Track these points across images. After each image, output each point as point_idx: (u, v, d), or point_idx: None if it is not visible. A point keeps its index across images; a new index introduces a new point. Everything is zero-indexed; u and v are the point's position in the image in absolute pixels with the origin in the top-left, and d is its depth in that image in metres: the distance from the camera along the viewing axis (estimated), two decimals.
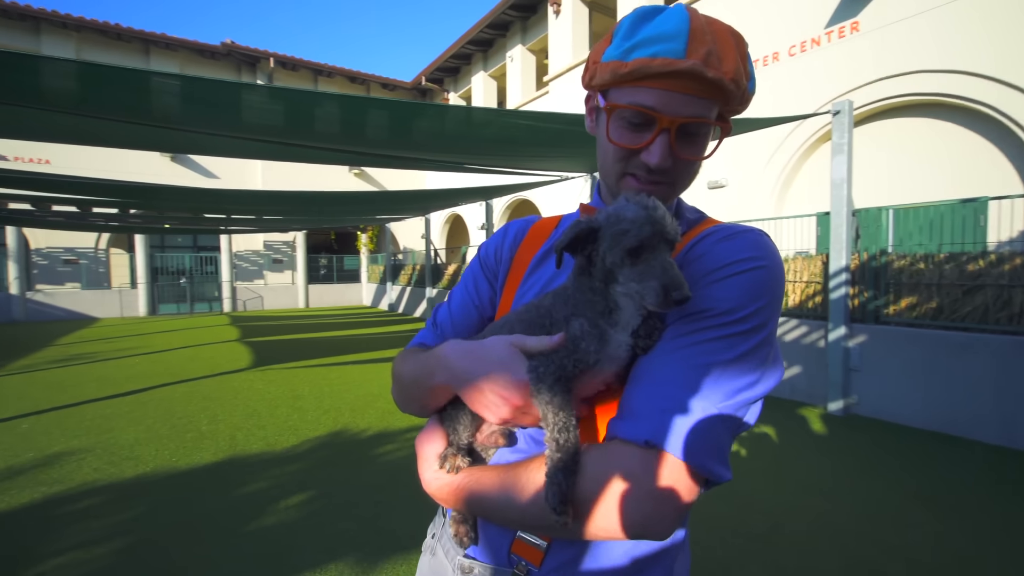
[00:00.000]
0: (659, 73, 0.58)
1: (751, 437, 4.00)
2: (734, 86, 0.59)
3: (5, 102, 3.23)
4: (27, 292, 13.91)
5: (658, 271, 0.52)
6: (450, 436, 0.68)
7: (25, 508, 2.84)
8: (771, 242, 0.63)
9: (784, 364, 0.78)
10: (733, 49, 0.59)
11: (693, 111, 0.60)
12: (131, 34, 13.97)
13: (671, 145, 0.61)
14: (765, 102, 7.73)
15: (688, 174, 0.66)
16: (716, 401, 0.54)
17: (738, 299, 0.57)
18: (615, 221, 0.54)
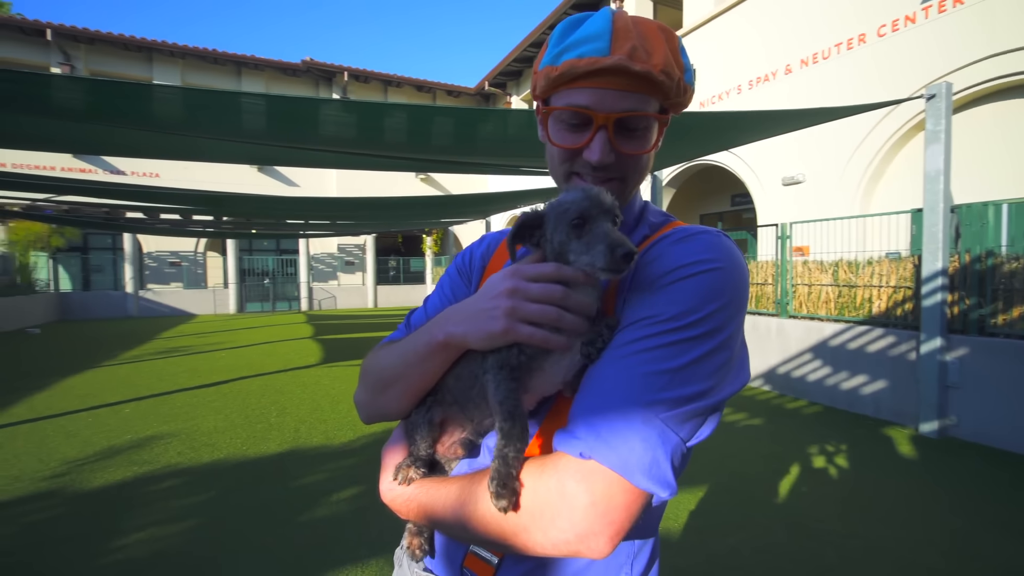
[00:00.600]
0: (586, 72, 0.60)
1: (822, 457, 3.65)
2: (665, 77, 0.60)
3: (127, 126, 3.69)
4: (140, 291, 15.72)
5: (601, 236, 0.53)
6: (410, 446, 0.68)
7: (118, 485, 3.18)
8: (730, 243, 0.62)
9: (750, 373, 0.68)
10: (662, 44, 0.60)
11: (627, 105, 0.60)
12: (225, 58, 15.38)
13: (610, 140, 0.62)
14: (849, 89, 7.08)
15: (636, 168, 0.66)
16: (658, 411, 0.51)
17: (688, 303, 0.55)
18: (557, 205, 0.57)
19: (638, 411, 0.51)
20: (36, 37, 13.95)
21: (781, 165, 8.15)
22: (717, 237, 0.61)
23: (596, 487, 0.50)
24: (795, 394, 5.36)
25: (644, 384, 0.52)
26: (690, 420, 0.52)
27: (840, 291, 5.21)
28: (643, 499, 0.51)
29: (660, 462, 0.50)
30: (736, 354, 0.58)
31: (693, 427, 0.53)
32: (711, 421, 0.55)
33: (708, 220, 12.66)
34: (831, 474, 3.38)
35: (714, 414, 0.56)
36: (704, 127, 4.47)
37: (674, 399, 0.51)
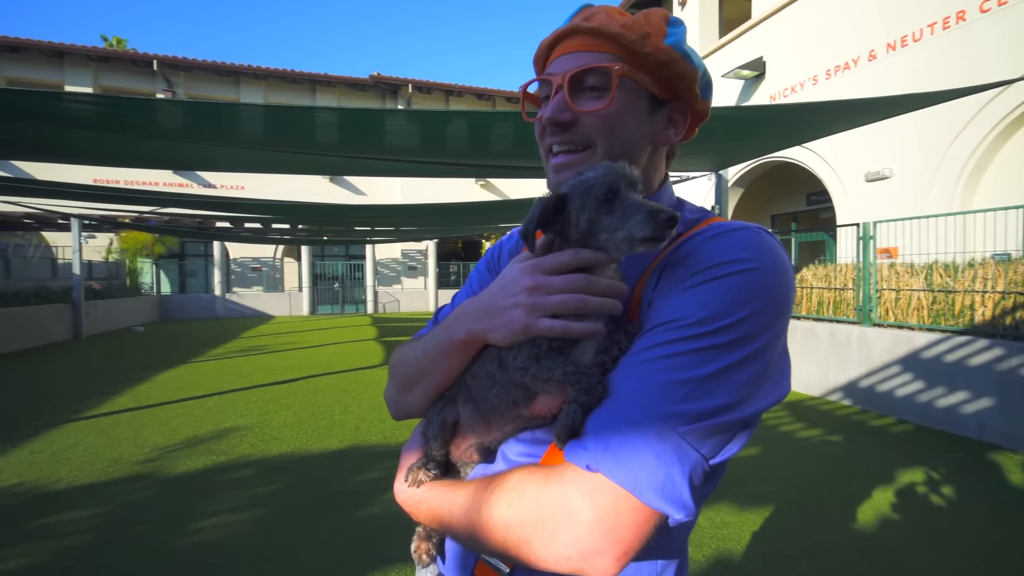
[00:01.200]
0: (548, 45, 0.64)
1: (912, 481, 3.27)
2: (623, 30, 0.58)
3: (218, 144, 4.08)
4: (226, 294, 17.15)
5: (637, 205, 0.51)
6: (424, 447, 0.67)
7: (198, 472, 3.46)
8: (771, 240, 0.56)
9: (790, 385, 0.57)
10: (640, 18, 0.60)
11: (582, 62, 0.60)
12: (302, 77, 16.51)
13: (566, 99, 0.60)
14: (944, 73, 6.39)
15: (603, 131, 0.61)
16: (676, 424, 0.47)
17: (718, 306, 0.50)
18: (580, 183, 0.54)
19: (653, 423, 0.46)
20: (145, 68, 15.69)
21: (863, 160, 7.48)
22: (757, 233, 0.56)
23: (602, 503, 0.46)
24: (880, 410, 4.87)
25: (662, 394, 0.48)
26: (714, 436, 0.48)
27: (935, 297, 4.67)
28: (655, 519, 0.47)
29: (675, 480, 0.45)
30: (772, 365, 0.53)
31: (717, 443, 0.48)
32: (740, 437, 0.50)
33: (781, 220, 11.87)
34: (922, 501, 3.02)
35: (744, 430, 0.51)
36: (776, 121, 4.19)
37: (695, 412, 0.47)
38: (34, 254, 13.24)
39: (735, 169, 9.84)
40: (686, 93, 0.62)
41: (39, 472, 3.43)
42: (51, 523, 2.73)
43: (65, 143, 4.23)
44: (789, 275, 0.55)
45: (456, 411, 0.64)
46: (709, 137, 4.54)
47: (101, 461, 3.64)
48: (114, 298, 13.44)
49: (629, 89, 0.60)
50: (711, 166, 6.35)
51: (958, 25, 6.38)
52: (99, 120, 3.51)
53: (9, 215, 12.99)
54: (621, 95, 0.60)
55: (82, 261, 11.45)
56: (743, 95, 9.87)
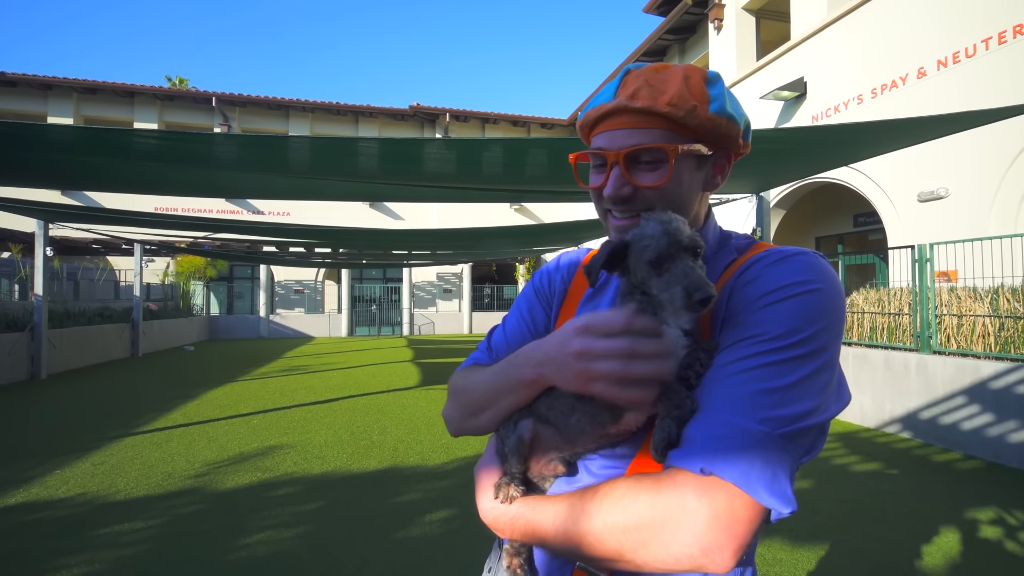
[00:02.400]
0: (596, 118, 0.67)
1: (984, 522, 3.01)
2: (671, 108, 0.62)
3: (270, 173, 4.34)
4: (270, 315, 17.83)
5: (679, 276, 0.54)
6: (503, 464, 0.68)
7: (244, 488, 3.56)
8: (826, 264, 0.62)
9: (851, 394, 0.64)
10: (677, 81, 0.63)
11: (633, 141, 0.64)
12: (346, 108, 17.36)
13: (624, 175, 0.65)
14: (1000, 90, 6.13)
15: (663, 203, 0.66)
16: (772, 428, 0.51)
17: (792, 322, 0.56)
18: (639, 237, 0.58)
19: (754, 427, 0.51)
20: (204, 104, 16.88)
21: (916, 179, 7.18)
22: (815, 258, 0.62)
23: (718, 501, 0.50)
24: (944, 444, 4.54)
25: (754, 402, 0.52)
26: (801, 438, 0.53)
27: (1002, 323, 4.38)
28: (763, 515, 0.51)
29: (780, 478, 0.51)
30: (838, 375, 0.59)
31: (804, 445, 0.54)
32: (820, 441, 0.57)
33: (826, 242, 11.46)
34: (996, 546, 2.77)
35: (821, 434, 0.57)
36: (821, 142, 4.11)
37: (787, 416, 0.52)
38: (100, 277, 14.20)
39: (777, 191, 9.62)
40: (731, 145, 0.68)
41: (100, 484, 3.62)
42: (111, 533, 2.86)
43: (132, 175, 4.59)
44: (843, 293, 0.62)
45: (531, 428, 0.65)
46: (750, 160, 4.48)
47: (156, 474, 3.81)
48: (168, 318, 14.20)
49: (681, 158, 0.65)
50: (752, 188, 6.24)
51: (1015, 40, 6.13)
52: (163, 153, 3.80)
53: (79, 241, 14.05)
54: (676, 167, 0.65)
55: (142, 284, 12.19)
56: (783, 116, 9.71)
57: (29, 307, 8.90)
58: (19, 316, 8.62)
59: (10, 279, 11.89)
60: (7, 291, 11.92)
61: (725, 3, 11.09)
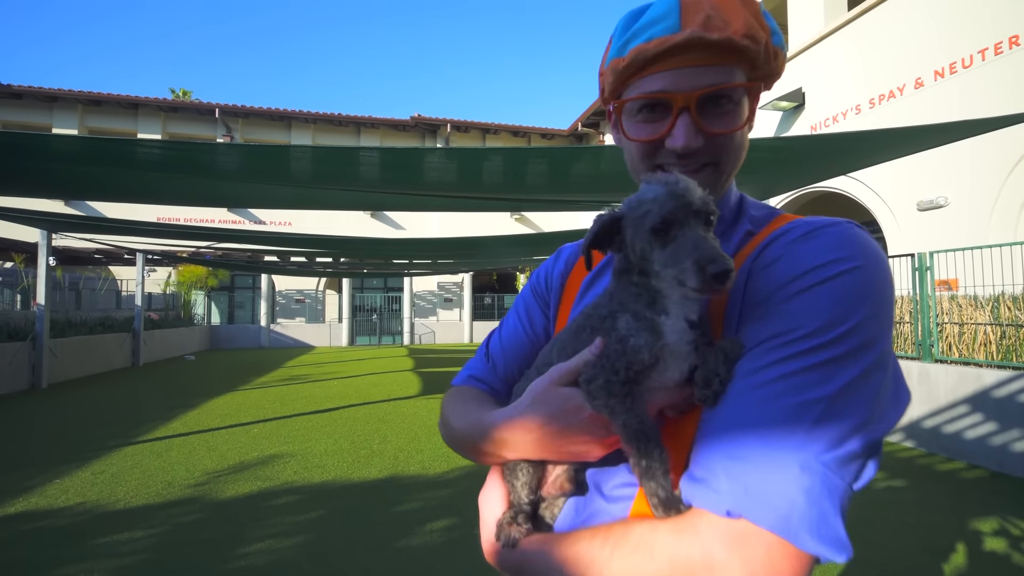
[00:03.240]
0: (657, 54, 0.53)
1: (990, 532, 2.98)
2: (749, 41, 0.52)
3: (272, 183, 4.38)
4: (271, 324, 17.83)
5: (689, 248, 0.45)
6: (510, 495, 0.60)
7: (245, 497, 3.55)
8: (866, 235, 0.51)
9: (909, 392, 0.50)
10: (739, 8, 0.53)
11: (709, 80, 0.53)
12: (348, 119, 17.51)
13: (695, 122, 0.54)
14: (997, 100, 6.18)
15: (730, 150, 0.57)
16: (817, 453, 0.41)
17: (830, 313, 0.45)
18: (636, 205, 0.49)
19: (791, 454, 0.41)
20: (208, 115, 17.04)
21: (915, 188, 7.22)
22: (851, 228, 0.51)
23: (754, 555, 0.40)
24: (948, 453, 4.51)
25: (792, 419, 0.42)
26: (854, 460, 0.42)
27: (1003, 331, 4.38)
28: (811, 565, 0.41)
29: (829, 517, 0.40)
30: (892, 372, 0.48)
31: (857, 468, 0.43)
32: (876, 457, 0.45)
33: None
34: (1001, 557, 2.75)
35: (876, 452, 0.45)
36: (820, 151, 4.14)
37: (832, 437, 0.42)
38: (102, 287, 14.24)
39: (776, 200, 9.66)
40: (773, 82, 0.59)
41: (100, 493, 3.60)
42: (111, 542, 2.85)
43: (135, 185, 4.63)
44: (888, 269, 0.50)
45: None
46: (749, 169, 4.52)
47: (156, 484, 3.79)
48: (169, 328, 14.21)
49: (750, 99, 0.57)
50: (757, 194, 6.28)
51: (1011, 51, 6.20)
52: (166, 164, 3.84)
53: (82, 251, 14.11)
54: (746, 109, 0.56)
55: (143, 293, 12.21)
56: (781, 126, 9.79)
57: (31, 317, 8.92)
58: (21, 326, 8.64)
59: (12, 289, 11.92)
60: (9, 301, 11.95)
61: None
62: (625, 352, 0.48)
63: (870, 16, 8.05)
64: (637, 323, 0.49)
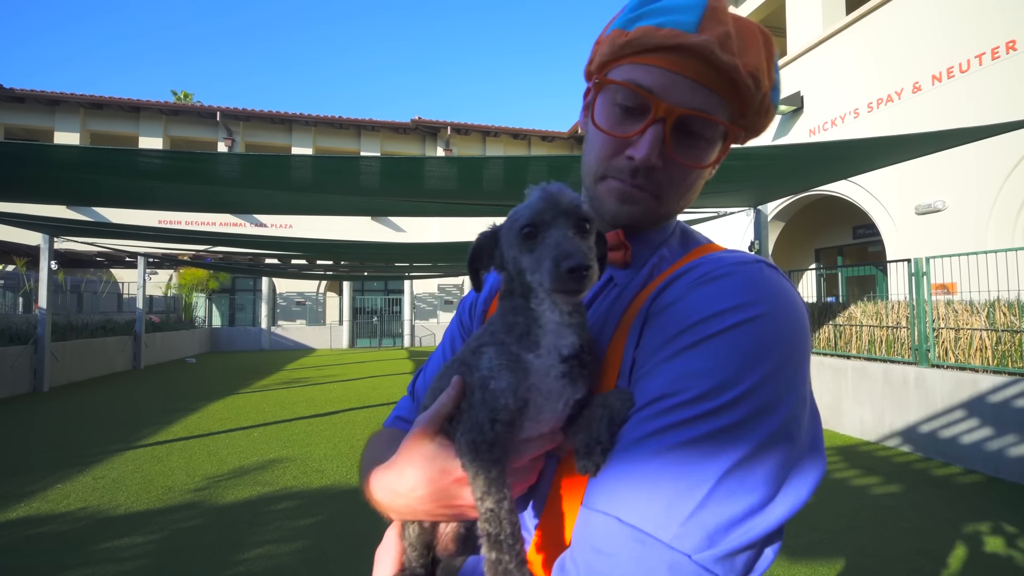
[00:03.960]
0: (663, 46, 0.48)
1: (986, 538, 3.00)
2: (752, 82, 0.48)
3: (272, 189, 4.42)
4: (272, 327, 17.87)
5: (551, 246, 0.42)
6: (403, 558, 0.56)
7: (245, 502, 3.57)
8: (774, 274, 0.46)
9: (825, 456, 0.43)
10: (759, 44, 0.49)
11: (698, 103, 0.49)
12: (348, 122, 17.56)
13: (665, 140, 0.49)
14: (994, 105, 6.21)
15: (681, 185, 0.53)
16: (693, 549, 0.36)
17: (722, 372, 0.39)
18: (512, 215, 0.46)
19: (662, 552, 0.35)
20: (209, 119, 17.11)
21: (914, 192, 7.24)
22: (759, 270, 0.45)
23: None
24: (944, 459, 4.53)
25: (666, 506, 0.36)
26: (742, 553, 0.36)
27: (999, 337, 4.40)
28: None
29: None
30: (804, 435, 0.41)
31: (746, 562, 0.37)
32: (776, 544, 0.39)
33: (826, 254, 11.49)
34: (995, 560, 2.77)
35: (779, 535, 0.39)
36: (817, 158, 4.17)
37: (716, 526, 0.36)
38: (103, 290, 14.29)
39: (775, 203, 9.69)
40: (751, 137, 0.55)
41: (100, 498, 3.63)
42: (111, 548, 2.88)
43: (137, 192, 4.67)
44: (803, 316, 0.44)
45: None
46: (748, 174, 4.55)
47: (156, 489, 3.82)
48: (170, 330, 14.25)
49: (723, 144, 0.53)
50: (750, 202, 6.30)
51: (1008, 55, 6.22)
52: (168, 172, 3.88)
53: (83, 254, 14.17)
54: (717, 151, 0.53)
55: (145, 296, 12.26)
56: (780, 130, 9.81)
57: (33, 320, 8.96)
58: (23, 329, 8.68)
59: (14, 292, 11.98)
60: (11, 304, 12.01)
61: None
62: (485, 399, 0.44)
63: (868, 20, 8.08)
64: (499, 360, 0.45)
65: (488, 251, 0.50)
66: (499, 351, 0.45)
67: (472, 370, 0.47)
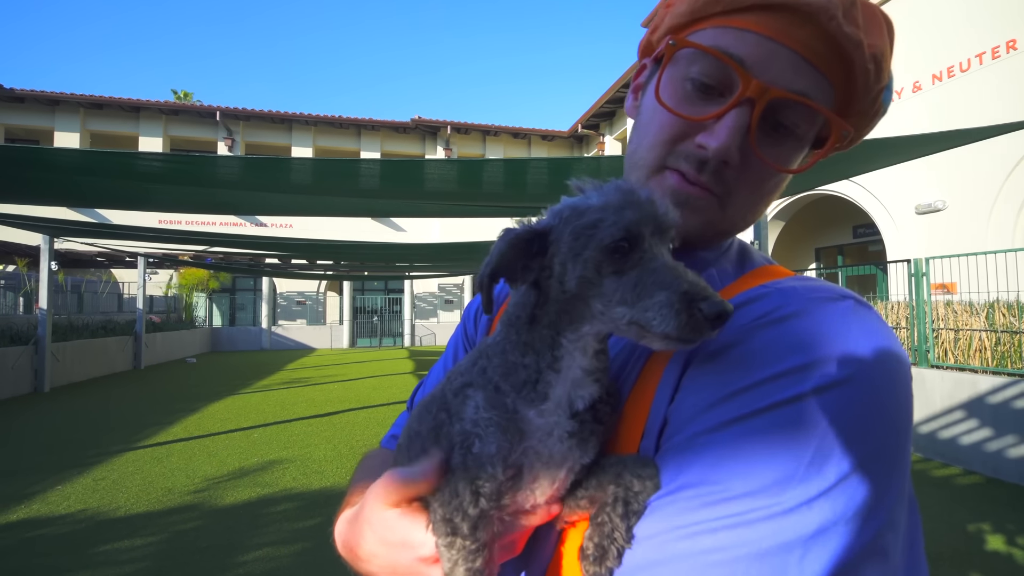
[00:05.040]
0: (768, 3, 0.37)
1: (983, 537, 3.00)
2: (874, 67, 0.38)
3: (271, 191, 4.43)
4: (272, 327, 17.89)
5: (664, 275, 0.32)
6: None
7: (244, 504, 3.58)
8: (872, 320, 0.35)
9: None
10: (882, 26, 0.41)
11: (801, 85, 0.38)
12: (348, 122, 17.56)
13: (750, 128, 0.39)
14: (994, 104, 6.20)
15: (757, 192, 0.42)
16: None
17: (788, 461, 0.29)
18: (576, 214, 0.35)
19: None
20: (209, 118, 17.11)
21: (914, 192, 7.24)
22: (845, 308, 0.35)
23: None
24: (943, 459, 4.53)
25: None
26: None
27: (999, 338, 4.39)
28: None
29: None
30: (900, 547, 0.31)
31: None
32: None
33: (826, 254, 11.48)
34: (994, 559, 2.77)
35: None
36: None
37: None
38: (103, 290, 14.31)
39: (775, 202, 9.67)
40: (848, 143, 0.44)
41: (100, 499, 3.64)
42: (111, 550, 2.88)
43: (137, 194, 4.68)
44: (907, 380, 0.33)
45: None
46: None
47: (156, 490, 3.83)
48: (171, 330, 14.27)
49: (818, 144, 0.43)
50: None
51: (1008, 55, 6.21)
52: (168, 175, 3.88)
53: (84, 254, 14.18)
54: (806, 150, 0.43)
55: (145, 296, 12.27)
56: None
57: (33, 320, 8.97)
58: (23, 330, 8.70)
59: (15, 292, 12.00)
60: (12, 305, 12.03)
61: None
62: (467, 465, 0.35)
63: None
64: (488, 414, 0.35)
65: (525, 258, 0.36)
66: (489, 400, 0.36)
67: (453, 419, 0.37)
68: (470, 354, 0.41)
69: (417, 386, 0.67)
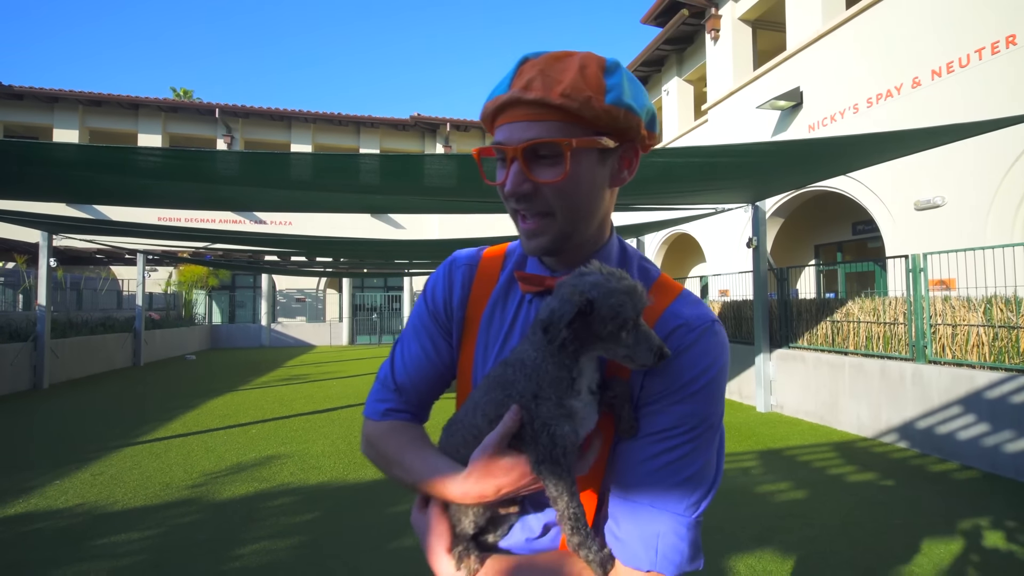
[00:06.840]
0: (493, 111, 0.62)
1: (981, 534, 3.00)
2: (564, 100, 0.57)
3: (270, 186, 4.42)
4: (272, 324, 17.89)
5: (647, 337, 0.58)
6: (454, 526, 0.66)
7: (242, 498, 3.59)
8: (722, 331, 0.66)
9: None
10: (573, 71, 0.58)
11: (531, 135, 0.59)
12: (347, 119, 17.54)
13: (524, 170, 0.61)
14: (995, 99, 6.18)
15: (563, 200, 0.63)
16: (695, 511, 0.61)
17: (705, 410, 0.62)
18: (607, 294, 0.56)
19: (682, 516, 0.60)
20: (208, 116, 17.08)
21: (913, 188, 7.22)
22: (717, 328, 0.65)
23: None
24: (941, 454, 4.54)
25: (684, 490, 0.60)
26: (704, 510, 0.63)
27: (996, 333, 4.39)
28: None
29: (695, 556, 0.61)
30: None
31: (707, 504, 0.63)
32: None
33: (826, 251, 11.47)
34: (990, 555, 2.77)
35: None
36: (815, 154, 4.16)
37: (701, 494, 0.61)
38: (103, 287, 14.30)
39: (774, 199, 9.66)
40: (634, 136, 0.63)
41: (98, 494, 3.65)
42: (108, 544, 2.89)
43: (136, 190, 4.67)
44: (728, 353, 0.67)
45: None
46: (746, 170, 4.54)
47: (154, 485, 3.84)
48: (170, 328, 14.27)
49: (580, 152, 0.61)
50: (748, 198, 6.28)
51: (1008, 50, 6.19)
52: (167, 170, 3.88)
53: (83, 251, 14.18)
54: (574, 161, 0.60)
55: (144, 293, 12.27)
56: (780, 125, 9.78)
57: (32, 317, 8.97)
58: (22, 326, 8.70)
59: (14, 289, 11.99)
60: (11, 301, 12.03)
61: (722, 14, 11.21)
62: (554, 441, 0.59)
63: (868, 15, 8.04)
64: (559, 411, 0.59)
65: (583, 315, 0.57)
66: (553, 405, 0.60)
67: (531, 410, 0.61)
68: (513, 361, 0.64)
69: (388, 359, 0.79)
